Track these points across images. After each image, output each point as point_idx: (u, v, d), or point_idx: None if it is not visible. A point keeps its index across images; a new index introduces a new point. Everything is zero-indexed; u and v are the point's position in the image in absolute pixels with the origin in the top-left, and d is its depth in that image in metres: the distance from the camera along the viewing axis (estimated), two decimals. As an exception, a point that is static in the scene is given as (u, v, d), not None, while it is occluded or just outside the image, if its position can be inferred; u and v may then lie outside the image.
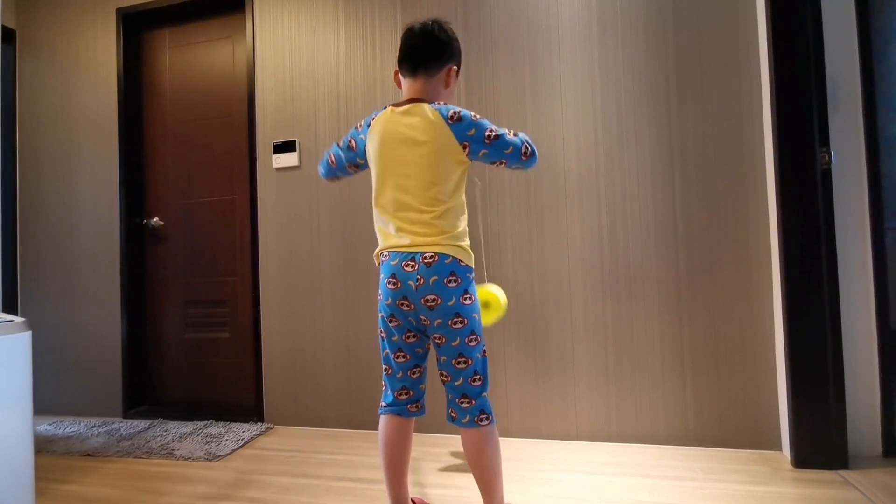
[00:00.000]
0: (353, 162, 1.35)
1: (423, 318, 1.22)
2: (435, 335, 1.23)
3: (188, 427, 2.31)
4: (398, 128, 1.23)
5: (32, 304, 2.69)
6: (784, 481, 1.58)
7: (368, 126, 1.29)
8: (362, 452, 1.96)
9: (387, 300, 1.25)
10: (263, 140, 2.41)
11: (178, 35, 2.64)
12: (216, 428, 2.28)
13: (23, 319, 1.33)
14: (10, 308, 2.67)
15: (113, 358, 2.56)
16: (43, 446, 2.12)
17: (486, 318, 1.51)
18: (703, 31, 1.93)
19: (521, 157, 1.23)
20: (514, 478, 1.68)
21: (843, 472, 1.62)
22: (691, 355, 1.91)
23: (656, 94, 1.97)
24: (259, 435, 2.19)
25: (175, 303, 2.62)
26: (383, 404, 1.31)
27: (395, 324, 1.26)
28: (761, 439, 1.84)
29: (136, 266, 2.64)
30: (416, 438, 2.09)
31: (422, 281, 1.19)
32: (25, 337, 1.31)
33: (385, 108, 1.28)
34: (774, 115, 1.72)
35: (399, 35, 2.21)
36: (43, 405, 2.64)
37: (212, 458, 1.93)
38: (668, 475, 1.66)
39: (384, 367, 1.31)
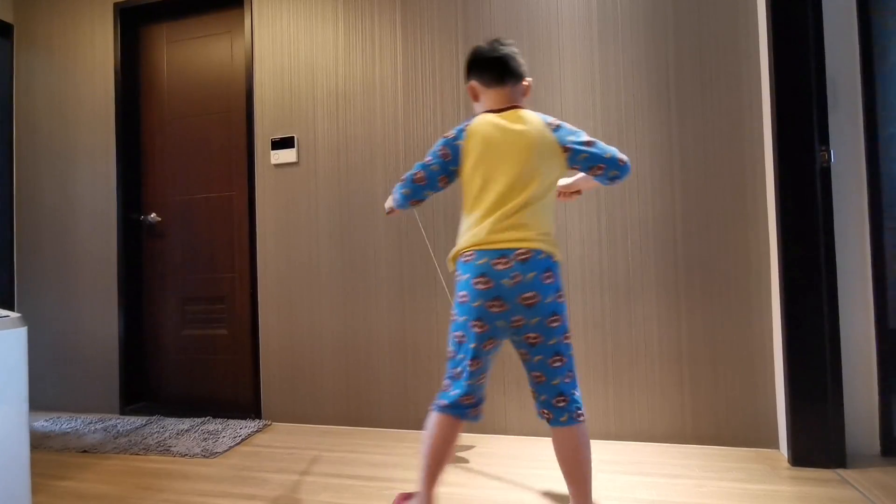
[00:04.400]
0: (445, 173, 1.31)
1: (516, 318, 1.19)
2: (530, 334, 1.20)
3: (185, 424, 2.30)
4: (504, 131, 1.25)
5: (29, 300, 2.68)
6: (781, 479, 1.59)
7: (463, 131, 1.29)
8: (360, 449, 1.96)
9: (475, 302, 1.20)
10: (262, 136, 2.40)
11: (176, 30, 2.63)
12: (213, 425, 2.28)
13: (19, 315, 1.32)
14: (7, 304, 2.66)
15: (110, 354, 2.55)
16: (39, 442, 2.11)
17: None
18: (703, 31, 1.93)
19: (619, 162, 1.24)
20: (512, 475, 1.68)
21: (840, 471, 1.62)
22: (689, 354, 1.91)
23: (656, 93, 1.96)
24: (256, 432, 2.19)
25: (173, 299, 2.61)
26: (444, 403, 1.24)
27: (480, 329, 1.21)
28: (759, 437, 1.84)
29: (133, 262, 2.63)
30: (413, 436, 2.09)
31: (518, 278, 1.18)
32: (21, 332, 1.31)
33: (475, 116, 1.30)
34: (774, 114, 1.72)
35: (399, 32, 2.22)
36: (39, 401, 2.63)
37: (209, 454, 1.93)
38: (666, 473, 1.66)
39: (453, 368, 1.25)
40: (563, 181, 1.42)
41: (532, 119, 1.26)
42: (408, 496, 1.45)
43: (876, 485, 1.51)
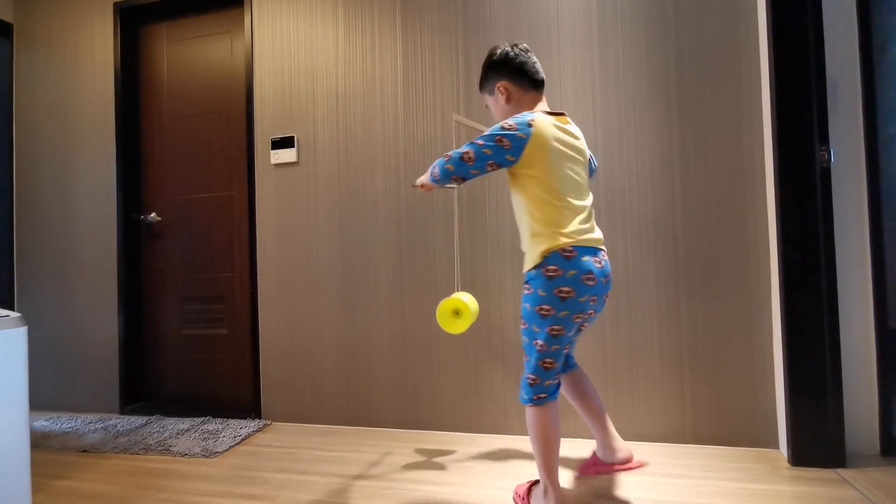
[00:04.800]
0: (497, 160, 1.30)
1: (591, 311, 1.33)
2: (586, 324, 1.37)
3: (185, 423, 2.30)
4: (566, 133, 1.35)
5: (29, 300, 2.68)
6: (781, 479, 1.59)
7: (529, 127, 1.29)
8: (360, 449, 1.96)
9: (581, 297, 1.28)
10: (261, 136, 2.40)
11: (176, 29, 2.63)
12: (213, 424, 2.28)
13: (19, 315, 1.32)
14: (7, 303, 2.65)
15: (110, 354, 2.55)
16: (39, 442, 2.11)
17: (460, 327, 1.62)
18: (703, 30, 1.93)
19: (595, 172, 1.58)
20: (511, 475, 1.68)
21: (840, 471, 1.62)
22: (689, 353, 1.91)
23: (656, 92, 1.96)
24: (256, 431, 2.19)
25: (172, 299, 2.61)
26: (545, 395, 1.33)
27: (581, 320, 1.32)
28: (759, 437, 1.84)
29: (133, 262, 2.63)
30: (413, 435, 2.09)
31: (608, 277, 1.36)
32: (21, 332, 1.31)
33: (535, 112, 1.34)
34: (774, 113, 1.72)
35: (399, 32, 2.22)
36: (39, 401, 2.63)
37: (209, 454, 1.93)
38: (666, 473, 1.66)
39: (549, 360, 1.31)
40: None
41: (577, 128, 1.42)
42: (528, 488, 1.47)
43: (876, 485, 1.51)
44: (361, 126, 2.27)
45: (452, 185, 1.44)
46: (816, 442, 1.65)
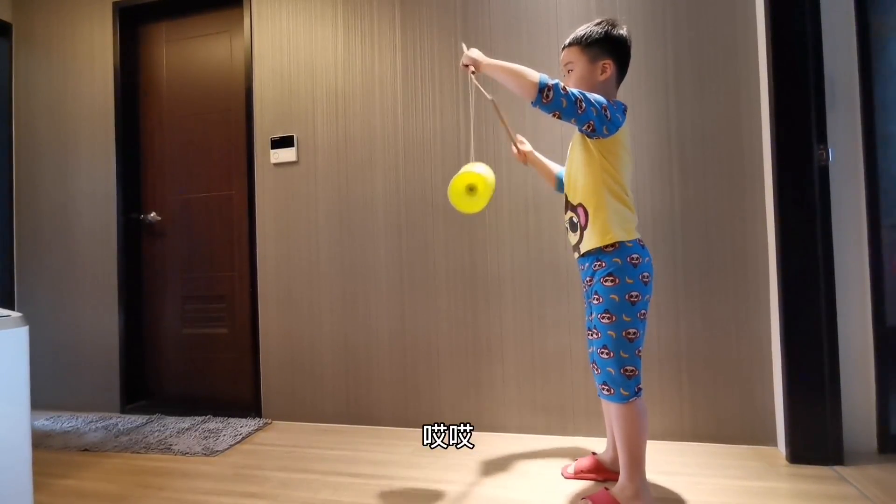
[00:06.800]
0: (601, 121, 1.28)
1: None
2: None
3: (186, 422, 2.31)
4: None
5: (29, 300, 2.68)
6: (779, 477, 1.59)
7: (626, 113, 1.37)
8: (360, 447, 1.96)
9: (652, 281, 1.36)
10: (261, 135, 2.40)
11: (175, 29, 2.63)
12: (214, 423, 2.28)
13: (20, 314, 1.33)
14: (7, 303, 2.66)
15: (111, 353, 2.56)
16: (41, 441, 2.11)
17: (477, 204, 1.41)
18: (701, 29, 1.93)
19: None
20: (509, 473, 1.68)
21: (838, 468, 1.62)
22: (688, 351, 1.92)
23: (654, 91, 1.96)
24: (257, 430, 2.20)
25: (173, 298, 2.62)
26: (642, 386, 1.35)
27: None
28: (756, 435, 1.85)
29: (133, 261, 2.64)
30: (413, 434, 2.09)
31: None
32: (23, 332, 1.31)
33: (616, 98, 1.40)
34: (773, 112, 1.72)
35: (399, 32, 2.23)
36: (40, 400, 2.63)
37: (210, 453, 1.93)
38: (664, 470, 1.66)
39: (641, 348, 1.35)
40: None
41: None
42: (609, 495, 1.36)
43: (873, 482, 1.52)
44: (361, 125, 2.27)
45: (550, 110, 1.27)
46: (814, 439, 1.66)
